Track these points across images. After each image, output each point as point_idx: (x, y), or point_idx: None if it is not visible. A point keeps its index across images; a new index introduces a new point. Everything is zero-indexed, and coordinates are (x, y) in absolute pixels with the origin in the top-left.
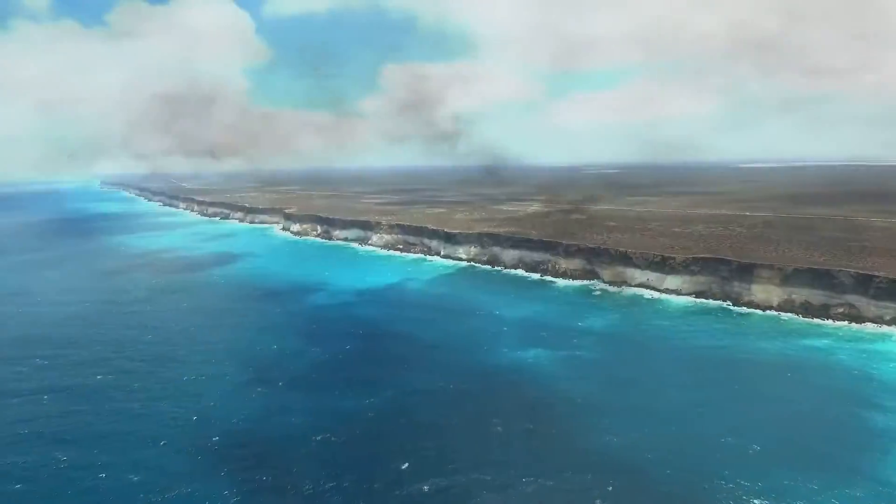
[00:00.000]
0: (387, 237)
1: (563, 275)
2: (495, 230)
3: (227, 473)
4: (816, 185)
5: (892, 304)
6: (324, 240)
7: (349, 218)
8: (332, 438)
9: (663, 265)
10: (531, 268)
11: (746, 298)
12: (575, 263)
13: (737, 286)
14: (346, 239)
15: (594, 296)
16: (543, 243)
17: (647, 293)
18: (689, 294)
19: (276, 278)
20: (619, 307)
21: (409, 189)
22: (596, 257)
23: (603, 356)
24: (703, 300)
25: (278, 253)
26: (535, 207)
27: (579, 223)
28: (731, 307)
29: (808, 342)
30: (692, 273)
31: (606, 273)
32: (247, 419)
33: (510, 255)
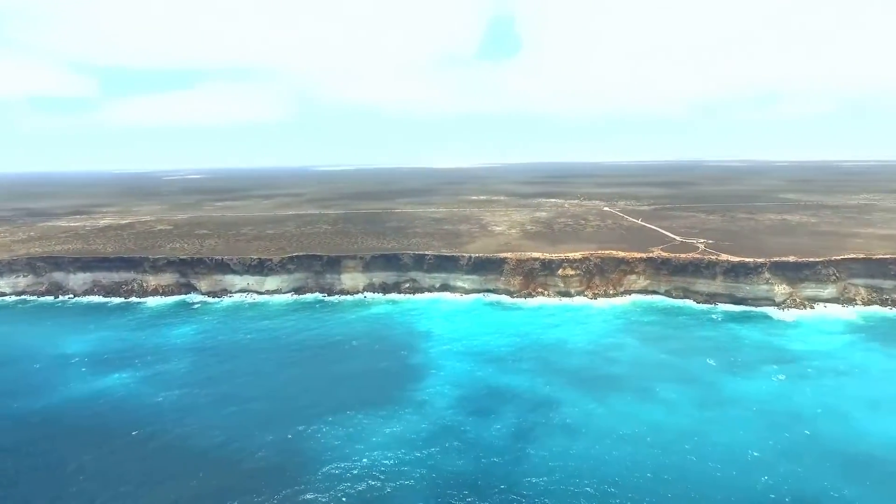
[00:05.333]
0: None
1: (154, 293)
2: (54, 251)
3: None
4: (373, 184)
5: (438, 275)
6: None
7: None
8: None
9: (262, 268)
10: (111, 291)
11: (339, 287)
12: (166, 278)
13: (329, 278)
14: None
15: (193, 309)
16: (124, 260)
17: (250, 298)
18: (288, 292)
19: None
20: (220, 316)
21: None
22: (190, 269)
23: (200, 365)
24: (302, 295)
25: None
26: (108, 220)
27: (166, 234)
28: (326, 297)
29: (379, 312)
30: (289, 272)
31: (204, 284)
32: None
33: (79, 279)
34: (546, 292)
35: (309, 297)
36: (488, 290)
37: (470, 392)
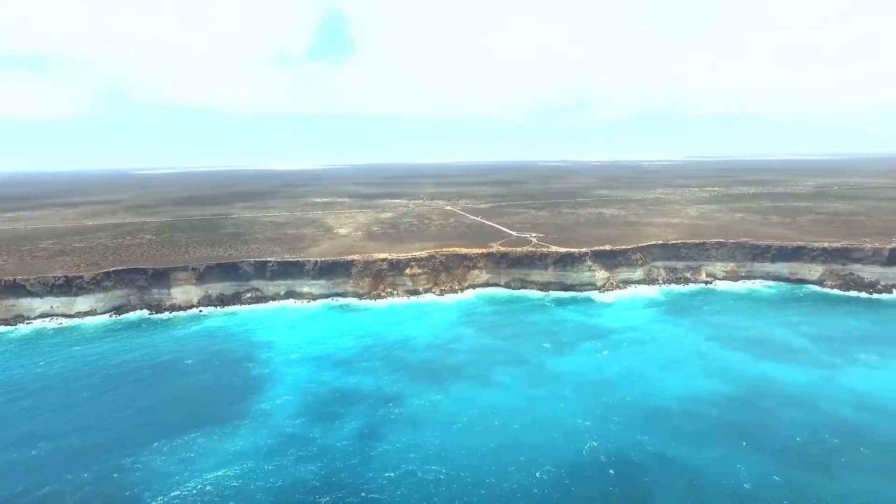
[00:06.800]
0: None
1: None
2: None
3: None
4: (205, 188)
5: (283, 282)
6: None
7: None
8: None
9: (69, 287)
10: None
11: (168, 303)
12: None
13: (156, 293)
14: None
15: None
16: None
17: (55, 322)
18: (106, 312)
19: None
20: (14, 346)
21: None
22: None
23: None
24: (124, 315)
25: None
26: None
27: None
28: (154, 315)
29: (216, 326)
30: (106, 289)
31: None
32: None
33: None
34: (395, 292)
35: (132, 315)
36: (337, 294)
37: (316, 398)
